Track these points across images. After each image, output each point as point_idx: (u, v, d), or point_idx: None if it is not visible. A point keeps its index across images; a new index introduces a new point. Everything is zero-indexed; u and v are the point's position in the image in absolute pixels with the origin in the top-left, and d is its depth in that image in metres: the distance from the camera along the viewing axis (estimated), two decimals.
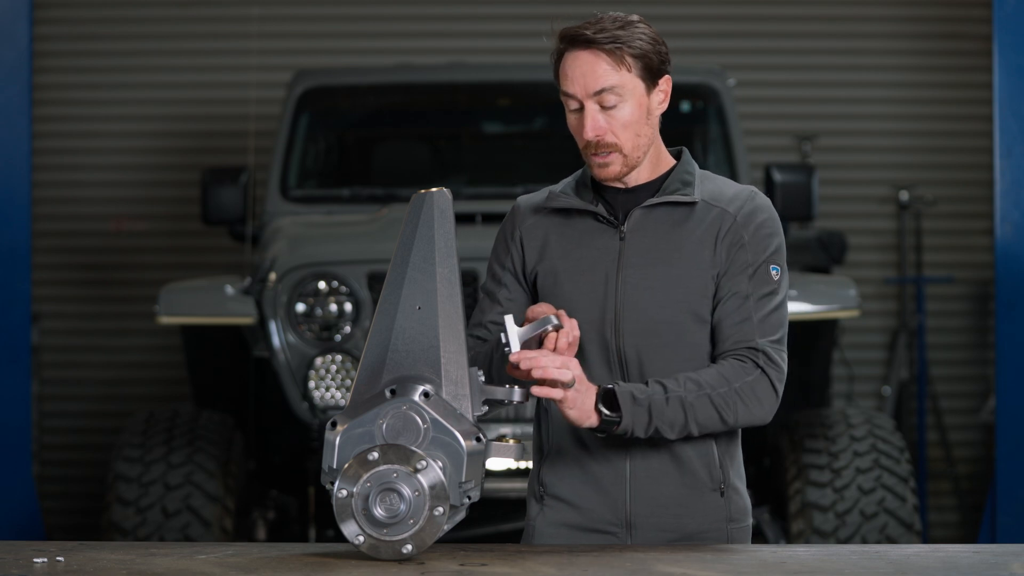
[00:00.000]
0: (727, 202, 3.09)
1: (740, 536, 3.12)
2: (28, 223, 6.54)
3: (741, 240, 3.06)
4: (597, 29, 3.00)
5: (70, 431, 8.78)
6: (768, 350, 3.03)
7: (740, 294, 3.05)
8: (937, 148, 8.89)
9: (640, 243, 3.07)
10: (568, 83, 3.03)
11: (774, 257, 3.09)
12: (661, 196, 3.09)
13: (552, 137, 7.11)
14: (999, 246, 6.41)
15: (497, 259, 3.21)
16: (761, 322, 3.05)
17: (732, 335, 3.04)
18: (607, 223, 3.10)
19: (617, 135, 3.03)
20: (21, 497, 6.53)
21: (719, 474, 3.09)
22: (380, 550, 2.73)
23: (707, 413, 2.98)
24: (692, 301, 3.05)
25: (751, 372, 3.01)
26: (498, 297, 3.17)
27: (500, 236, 3.22)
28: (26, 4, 6.45)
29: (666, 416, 2.95)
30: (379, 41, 8.85)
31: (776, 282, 3.08)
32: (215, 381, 6.52)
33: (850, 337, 8.49)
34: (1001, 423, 6.51)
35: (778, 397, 3.05)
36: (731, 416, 3.00)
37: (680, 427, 2.97)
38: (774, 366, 3.03)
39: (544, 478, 3.15)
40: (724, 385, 2.99)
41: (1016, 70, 6.36)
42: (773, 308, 3.06)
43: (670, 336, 3.04)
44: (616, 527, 3.08)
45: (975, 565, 2.76)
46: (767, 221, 3.09)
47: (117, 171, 8.88)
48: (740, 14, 8.88)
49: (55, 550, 2.86)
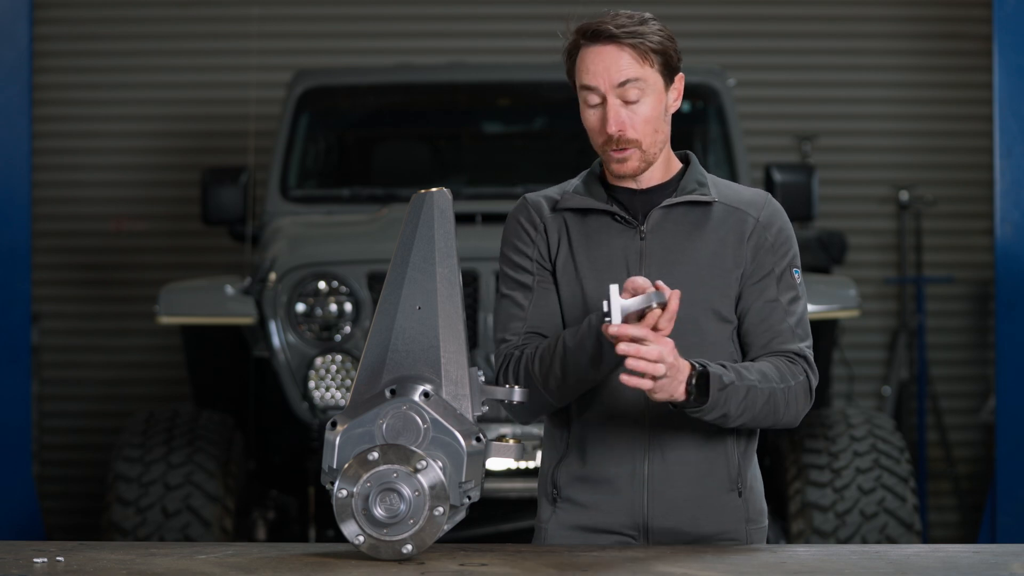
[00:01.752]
0: (746, 205, 3.11)
1: (758, 537, 3.12)
2: (28, 223, 6.54)
3: (765, 243, 3.08)
4: (618, 24, 3.01)
5: (70, 431, 8.78)
6: (808, 355, 3.07)
7: (770, 299, 3.07)
8: (937, 148, 8.89)
9: (661, 243, 3.07)
10: (590, 76, 3.02)
11: (795, 260, 3.12)
12: (680, 196, 3.09)
13: (552, 137, 7.11)
14: (999, 246, 6.41)
15: (518, 251, 3.14)
16: (795, 328, 3.07)
17: (770, 341, 3.06)
18: (624, 223, 3.09)
19: (638, 131, 3.03)
20: (21, 497, 6.53)
21: (736, 475, 3.08)
22: (380, 550, 2.73)
23: (767, 408, 2.97)
24: (714, 300, 3.05)
25: (800, 374, 3.04)
26: (534, 287, 3.11)
27: (518, 229, 3.15)
28: (26, 4, 6.45)
29: (735, 403, 2.92)
30: (379, 41, 8.85)
31: (799, 286, 3.11)
32: (215, 381, 6.52)
33: (850, 337, 8.49)
34: (1001, 423, 6.51)
35: (811, 402, 3.07)
36: (782, 413, 3.01)
37: (741, 416, 2.95)
38: (814, 373, 3.07)
39: (558, 480, 3.12)
40: (783, 382, 3.00)
41: (1016, 70, 6.36)
42: (801, 314, 3.10)
43: (693, 336, 3.03)
44: (632, 530, 3.07)
45: (975, 565, 2.76)
46: (785, 225, 3.12)
47: (117, 171, 8.88)
48: (740, 14, 8.88)
49: (55, 550, 2.86)
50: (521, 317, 3.11)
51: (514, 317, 3.11)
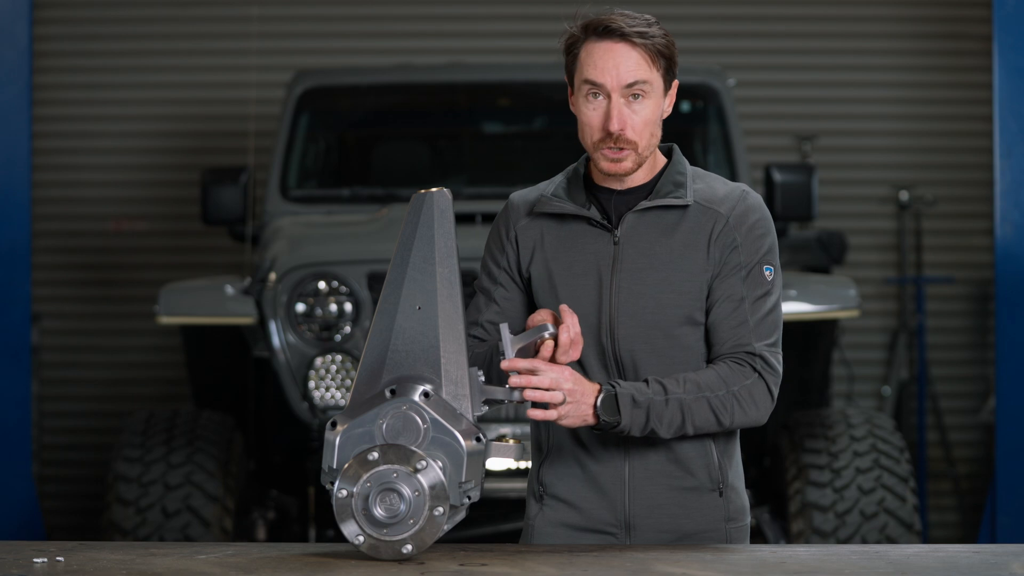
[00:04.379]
0: (719, 203, 3.09)
1: (738, 536, 3.12)
2: (28, 223, 6.53)
3: (734, 242, 3.06)
4: (628, 23, 3.00)
5: (70, 431, 8.78)
6: (765, 354, 3.04)
7: (734, 297, 3.05)
8: (937, 148, 8.89)
9: (634, 248, 3.07)
10: (597, 73, 3.00)
11: (767, 257, 3.09)
12: (654, 200, 3.08)
13: (552, 137, 7.11)
14: (999, 246, 6.40)
15: (492, 257, 3.19)
16: (757, 325, 3.05)
17: (728, 339, 3.05)
18: (600, 227, 3.09)
19: (637, 132, 3.03)
20: (21, 497, 6.53)
21: (718, 474, 3.09)
22: (380, 550, 2.73)
23: (704, 416, 2.99)
24: (686, 305, 3.05)
25: (748, 376, 3.02)
26: (494, 296, 3.17)
27: (495, 233, 3.20)
28: (26, 4, 6.45)
29: (664, 418, 2.96)
30: (379, 41, 8.85)
31: (770, 283, 3.08)
32: (215, 381, 6.52)
33: (850, 337, 8.49)
34: (1001, 423, 6.51)
35: (774, 400, 3.06)
36: (727, 419, 3.01)
37: (676, 428, 2.99)
38: (771, 371, 3.05)
39: (543, 478, 3.15)
40: (722, 388, 3.00)
41: (1016, 70, 6.35)
42: (768, 310, 3.07)
43: (665, 340, 3.05)
44: (615, 527, 3.09)
45: (975, 565, 2.76)
46: (759, 221, 3.09)
47: (117, 171, 8.88)
48: (740, 14, 8.88)
49: (55, 550, 2.86)
50: (475, 321, 3.17)
51: (470, 320, 3.17)
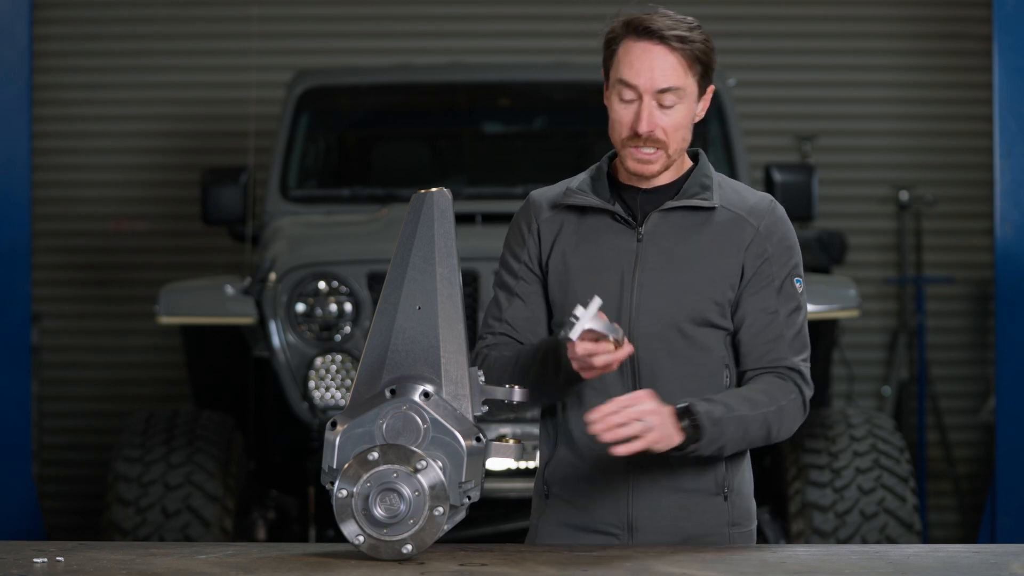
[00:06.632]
0: (748, 211, 3.07)
1: (743, 540, 3.10)
2: (28, 223, 6.53)
3: (765, 252, 3.05)
4: (669, 26, 2.98)
5: (70, 431, 8.78)
6: (802, 369, 3.05)
7: (768, 310, 3.04)
8: (937, 148, 8.89)
9: (658, 246, 3.04)
10: (632, 73, 2.99)
11: (797, 270, 3.09)
12: (680, 199, 3.06)
13: (552, 137, 7.11)
14: (999, 246, 6.40)
15: (512, 253, 3.16)
16: (793, 340, 3.05)
17: (766, 354, 3.04)
18: (624, 223, 3.07)
19: (667, 135, 3.01)
20: (21, 497, 6.53)
21: (723, 478, 3.07)
22: (380, 550, 2.73)
23: (759, 431, 2.98)
24: (706, 308, 3.03)
25: (791, 391, 3.02)
26: (516, 291, 3.13)
27: (515, 229, 3.17)
28: (26, 4, 6.45)
29: (729, 434, 2.93)
30: (379, 41, 8.85)
31: (800, 295, 3.08)
32: (215, 381, 6.52)
33: (850, 337, 8.49)
34: (1001, 423, 6.51)
35: (805, 415, 3.06)
36: (775, 434, 3.01)
37: (737, 444, 2.97)
38: (808, 386, 3.05)
39: (549, 477, 3.13)
40: (773, 404, 2.99)
41: (1016, 70, 6.35)
42: (801, 325, 3.07)
43: (683, 341, 3.03)
44: (617, 528, 3.07)
45: (975, 565, 2.76)
46: (788, 233, 3.08)
47: (117, 171, 8.88)
48: (741, 14, 8.88)
49: (55, 550, 2.86)
50: (499, 318, 3.14)
51: (495, 317, 3.14)
